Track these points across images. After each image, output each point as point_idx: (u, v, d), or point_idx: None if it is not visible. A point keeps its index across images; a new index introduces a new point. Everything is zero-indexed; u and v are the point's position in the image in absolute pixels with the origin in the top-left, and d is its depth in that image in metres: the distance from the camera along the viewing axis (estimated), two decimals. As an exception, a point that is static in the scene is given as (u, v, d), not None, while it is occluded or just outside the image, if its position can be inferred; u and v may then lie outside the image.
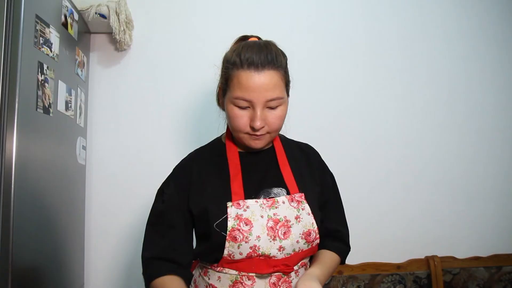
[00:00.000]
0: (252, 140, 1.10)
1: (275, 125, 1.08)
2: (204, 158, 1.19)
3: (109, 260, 2.00)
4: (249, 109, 1.06)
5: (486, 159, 2.27)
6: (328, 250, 1.21)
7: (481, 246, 2.22)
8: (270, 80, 1.03)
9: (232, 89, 1.05)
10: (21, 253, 1.32)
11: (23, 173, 1.33)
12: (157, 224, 1.15)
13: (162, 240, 1.12)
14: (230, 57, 1.07)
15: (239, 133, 1.09)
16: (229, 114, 1.08)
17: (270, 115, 1.06)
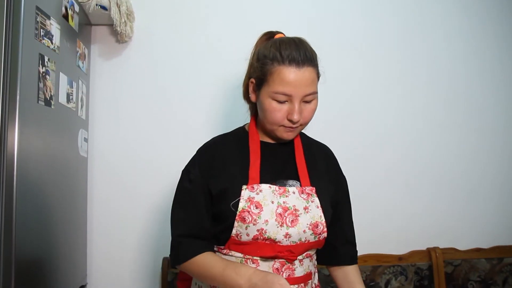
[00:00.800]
0: (286, 132, 1.16)
1: (308, 118, 1.15)
2: (227, 143, 1.24)
3: (112, 252, 2.01)
4: (286, 103, 1.11)
5: (487, 152, 2.27)
6: (353, 266, 1.28)
7: (482, 238, 2.22)
8: (309, 76, 1.09)
9: (272, 83, 1.10)
10: (23, 246, 1.33)
11: (25, 165, 1.33)
12: (185, 203, 1.19)
13: (191, 217, 1.17)
14: (268, 52, 1.12)
15: (275, 125, 1.15)
16: (267, 108, 1.13)
17: (305, 109, 1.13)
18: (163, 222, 1.20)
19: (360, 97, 2.19)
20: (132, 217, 2.02)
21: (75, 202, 1.79)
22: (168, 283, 1.96)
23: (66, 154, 1.69)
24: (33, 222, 1.40)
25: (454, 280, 2.12)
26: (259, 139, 1.22)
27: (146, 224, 2.03)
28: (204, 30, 2.10)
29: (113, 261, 2.01)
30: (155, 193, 2.02)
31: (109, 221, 2.02)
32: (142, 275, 2.03)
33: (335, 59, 2.13)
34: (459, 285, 2.12)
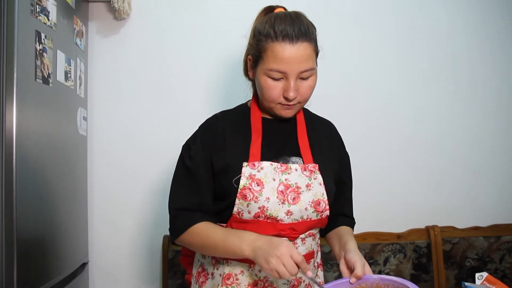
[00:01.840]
0: (283, 109, 1.14)
1: (306, 95, 1.12)
2: (229, 119, 1.22)
3: (113, 230, 2.03)
4: (282, 80, 1.09)
5: (487, 130, 2.26)
6: (347, 227, 1.26)
7: (481, 216, 2.24)
8: (304, 52, 1.06)
9: (266, 61, 1.08)
10: (25, 224, 1.33)
11: (24, 144, 1.33)
12: (184, 178, 1.18)
13: (190, 193, 1.16)
14: (263, 29, 1.09)
15: (272, 103, 1.13)
16: (262, 85, 1.11)
17: (302, 86, 1.10)
18: (163, 199, 1.20)
19: (361, 75, 2.17)
20: (132, 195, 2.03)
21: (75, 180, 1.80)
22: (168, 260, 1.98)
23: (65, 133, 1.68)
24: (33, 200, 1.41)
25: (452, 258, 2.14)
26: (261, 116, 1.21)
27: (147, 202, 2.04)
28: (203, 5, 2.06)
29: (114, 239, 2.03)
30: (155, 171, 2.02)
31: (109, 200, 2.02)
32: (143, 253, 2.05)
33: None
34: (456, 263, 2.15)
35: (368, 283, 1.02)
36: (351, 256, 1.05)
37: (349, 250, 1.09)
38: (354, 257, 1.04)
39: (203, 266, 1.22)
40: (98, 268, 2.02)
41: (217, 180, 1.16)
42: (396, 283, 0.97)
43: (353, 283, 1.02)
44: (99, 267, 2.02)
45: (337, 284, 1.04)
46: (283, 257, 0.96)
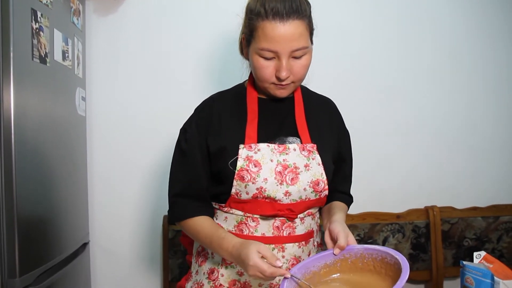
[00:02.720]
0: (277, 89, 1.12)
1: (300, 74, 1.10)
2: (225, 100, 1.21)
3: (113, 210, 2.04)
4: (274, 59, 1.07)
5: (486, 111, 2.26)
6: (339, 201, 1.25)
7: (480, 196, 2.25)
8: (296, 30, 1.03)
9: (257, 40, 1.06)
10: (25, 204, 1.34)
11: (22, 124, 1.32)
12: (180, 162, 1.18)
13: (186, 177, 1.17)
14: (254, 7, 1.06)
15: (265, 83, 1.11)
16: (254, 65, 1.09)
17: (295, 65, 1.07)
18: (163, 180, 1.20)
19: (361, 53, 2.15)
20: (132, 176, 2.03)
21: (74, 161, 1.79)
22: (169, 240, 1.99)
23: (64, 113, 1.67)
24: (33, 181, 1.41)
25: (450, 238, 2.16)
26: (257, 96, 1.19)
27: (146, 182, 2.04)
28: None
29: (114, 219, 2.04)
30: (155, 151, 2.02)
31: (109, 180, 2.03)
32: (143, 233, 2.06)
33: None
34: (455, 243, 2.17)
35: (352, 254, 1.02)
36: (334, 227, 1.04)
37: (333, 221, 1.09)
38: (337, 227, 1.03)
39: (203, 246, 1.23)
40: (99, 248, 2.04)
41: (214, 163, 1.15)
42: (379, 251, 0.97)
43: (337, 254, 1.02)
44: (100, 247, 2.04)
45: (321, 256, 1.04)
46: (256, 273, 0.94)
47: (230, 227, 1.15)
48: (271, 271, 0.92)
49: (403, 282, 0.82)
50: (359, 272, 1.02)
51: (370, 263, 1.00)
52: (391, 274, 0.92)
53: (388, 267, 0.95)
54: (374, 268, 0.99)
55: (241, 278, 1.14)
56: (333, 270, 1.05)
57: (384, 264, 0.97)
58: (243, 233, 1.13)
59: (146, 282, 2.08)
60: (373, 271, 0.99)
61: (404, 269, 0.86)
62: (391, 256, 0.94)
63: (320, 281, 1.04)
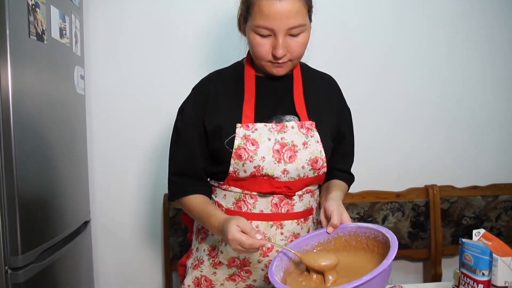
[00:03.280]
0: (274, 68, 1.10)
1: (297, 52, 1.08)
2: (223, 79, 1.20)
3: (114, 188, 2.04)
4: (270, 37, 1.05)
5: (488, 91, 2.24)
6: (338, 180, 1.25)
7: (480, 176, 2.25)
8: (292, 7, 1.01)
9: (254, 17, 1.04)
10: (25, 183, 1.34)
11: (21, 103, 1.31)
12: (177, 142, 1.20)
13: (181, 156, 1.19)
14: None
15: (261, 61, 1.10)
16: (251, 42, 1.08)
17: (292, 43, 1.06)
18: (163, 158, 1.20)
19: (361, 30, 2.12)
20: (132, 154, 2.03)
21: (74, 140, 1.79)
22: (169, 218, 2.00)
23: (62, 92, 1.66)
24: (33, 160, 1.41)
25: (449, 216, 2.17)
26: (255, 74, 1.18)
27: (147, 161, 2.04)
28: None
29: (115, 198, 2.05)
30: (155, 130, 2.02)
31: (109, 158, 2.03)
32: (144, 211, 2.07)
33: None
34: (454, 221, 2.18)
35: (346, 232, 1.02)
36: (329, 205, 1.04)
37: (328, 198, 1.09)
38: (331, 205, 1.03)
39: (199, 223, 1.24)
40: (100, 226, 2.05)
41: (210, 142, 1.15)
42: (372, 229, 0.97)
43: (330, 232, 1.02)
44: (101, 226, 2.06)
45: (315, 234, 1.05)
46: (236, 246, 0.96)
47: (229, 204, 1.16)
48: (250, 242, 0.93)
49: (389, 260, 0.81)
50: (353, 251, 1.02)
51: (364, 241, 1.00)
52: (382, 252, 0.92)
53: (380, 245, 0.96)
54: (367, 246, 0.99)
55: (240, 255, 1.15)
56: (327, 248, 1.05)
57: (376, 242, 0.97)
58: (242, 210, 1.13)
59: (147, 260, 2.10)
60: (366, 249, 0.99)
61: (392, 248, 0.85)
62: (383, 234, 0.94)
63: None
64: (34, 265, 1.38)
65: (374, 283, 0.81)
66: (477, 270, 0.95)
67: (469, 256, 0.97)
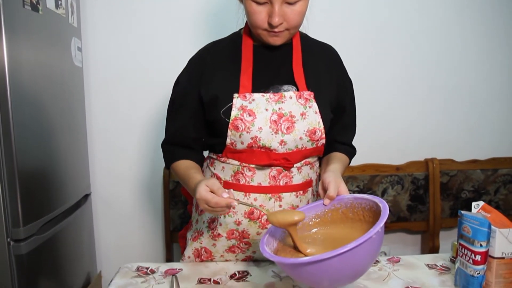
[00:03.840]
0: (270, 37, 1.08)
1: (294, 21, 1.05)
2: (220, 49, 1.19)
3: (113, 161, 2.05)
4: (267, 4, 1.03)
5: (489, 65, 2.21)
6: (339, 152, 1.24)
7: (480, 149, 2.25)
8: None
9: None
10: (25, 157, 1.34)
11: (17, 75, 1.30)
12: (171, 112, 1.21)
13: (173, 125, 1.20)
14: None
15: (257, 29, 1.08)
16: (247, 10, 1.06)
17: (288, 11, 1.03)
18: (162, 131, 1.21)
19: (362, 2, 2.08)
20: (132, 127, 2.03)
21: (72, 112, 1.78)
22: (169, 191, 2.01)
23: (59, 64, 1.64)
24: (32, 133, 1.40)
25: (449, 190, 2.18)
26: (252, 43, 1.15)
27: (147, 133, 2.04)
28: None
29: (115, 171, 2.06)
30: (154, 102, 2.00)
31: (109, 131, 2.02)
32: (144, 184, 2.08)
33: None
34: (452, 194, 2.19)
35: (343, 204, 1.02)
36: (326, 177, 1.03)
37: (327, 171, 1.08)
38: (329, 177, 1.02)
39: None
40: (100, 199, 2.07)
41: (208, 113, 1.15)
42: (367, 200, 0.97)
43: (327, 204, 1.02)
44: (101, 198, 2.07)
45: (312, 206, 1.04)
46: (204, 206, 0.97)
47: (227, 177, 1.15)
48: (215, 200, 0.94)
49: (376, 228, 0.81)
50: (350, 223, 1.02)
51: (360, 212, 1.00)
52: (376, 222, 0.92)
53: (376, 216, 0.94)
54: (363, 217, 0.99)
55: (239, 227, 1.16)
56: (324, 220, 1.05)
57: (372, 213, 0.97)
58: (240, 182, 1.13)
59: (148, 232, 2.12)
60: (362, 220, 0.99)
61: (382, 216, 0.85)
62: (376, 204, 0.93)
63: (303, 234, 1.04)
64: (36, 237, 1.40)
65: (362, 250, 0.81)
66: (475, 242, 0.95)
67: (467, 228, 0.98)
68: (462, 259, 1.00)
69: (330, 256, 0.78)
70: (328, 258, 0.78)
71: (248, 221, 1.14)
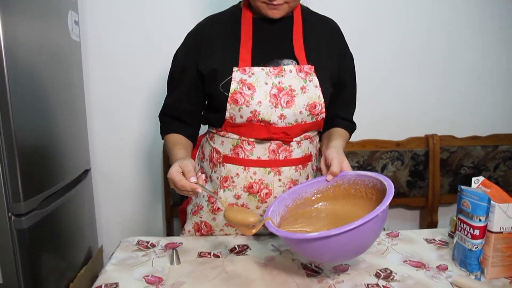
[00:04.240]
0: (269, 9, 1.07)
1: None
2: (218, 22, 1.17)
3: (113, 136, 2.04)
4: None
5: (491, 40, 2.18)
6: (340, 128, 1.24)
7: (481, 126, 2.24)
8: None
9: None
10: (24, 133, 1.34)
11: (13, 50, 1.28)
12: (170, 85, 1.23)
13: (171, 98, 1.22)
14: None
15: (256, 1, 1.06)
16: None
17: None
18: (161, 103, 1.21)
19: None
20: (130, 100, 2.01)
21: (71, 87, 1.76)
22: (169, 165, 2.01)
23: (56, 38, 1.61)
24: (30, 108, 1.39)
25: (448, 166, 2.19)
26: (252, 16, 1.14)
27: (145, 108, 2.02)
28: None
29: (114, 146, 2.05)
30: (153, 76, 1.98)
31: (107, 106, 2.01)
32: (144, 159, 2.08)
33: None
34: (452, 171, 2.19)
35: (345, 180, 1.03)
36: (329, 153, 1.05)
37: (329, 147, 1.09)
38: (332, 153, 1.04)
39: (202, 170, 1.25)
40: (100, 174, 2.07)
41: (207, 87, 1.14)
42: (370, 178, 0.98)
43: (330, 180, 1.03)
44: (101, 174, 2.07)
45: (314, 182, 1.05)
46: (172, 185, 0.99)
47: (226, 151, 1.15)
48: (182, 183, 0.95)
49: (383, 206, 0.82)
50: (352, 199, 1.03)
51: (362, 189, 1.00)
52: (380, 200, 0.93)
53: (378, 194, 0.96)
54: (366, 194, 1.00)
55: (238, 202, 1.16)
56: (326, 196, 1.06)
57: (374, 191, 0.98)
58: (239, 156, 1.13)
59: (148, 207, 2.14)
60: (364, 197, 1.00)
61: (388, 194, 0.86)
62: (381, 182, 0.94)
63: (305, 209, 1.05)
64: (37, 212, 1.40)
65: (368, 228, 0.82)
66: (474, 216, 0.96)
67: (467, 203, 0.98)
68: (460, 233, 1.01)
69: (338, 233, 0.79)
70: (336, 235, 0.80)
71: (248, 195, 1.15)
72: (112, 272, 1.01)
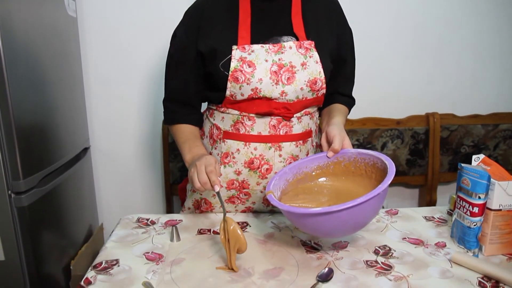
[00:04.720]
0: None
1: None
2: (217, 0, 1.15)
3: (112, 114, 2.03)
4: None
5: (492, 19, 2.14)
6: (340, 104, 1.24)
7: (481, 104, 2.23)
8: None
9: None
10: (21, 110, 1.33)
11: (8, 27, 1.26)
12: (170, 67, 1.20)
13: (174, 81, 1.19)
14: None
15: None
16: None
17: None
18: (161, 83, 1.19)
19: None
20: (128, 79, 1.99)
21: (68, 65, 1.74)
22: (169, 144, 2.01)
23: (52, 14, 1.58)
24: (27, 85, 1.38)
25: (448, 144, 2.18)
26: None
27: (144, 85, 2.00)
28: None
29: (113, 124, 2.04)
30: (153, 53, 1.96)
31: (106, 83, 1.99)
32: (143, 137, 2.07)
33: None
34: (452, 149, 2.19)
35: (346, 157, 1.05)
36: (331, 130, 1.06)
37: (331, 124, 1.10)
38: (334, 130, 1.05)
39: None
40: (100, 152, 2.07)
41: (207, 66, 1.13)
42: (371, 156, 1.00)
43: (331, 157, 1.05)
44: (101, 152, 2.07)
45: (315, 158, 1.07)
46: (198, 167, 0.98)
47: (226, 126, 1.15)
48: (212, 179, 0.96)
49: (384, 185, 0.84)
50: (351, 176, 1.05)
51: (362, 167, 1.02)
52: (380, 179, 0.95)
53: (378, 172, 0.98)
54: (365, 172, 1.02)
55: (238, 177, 1.16)
56: (326, 172, 1.08)
57: (374, 169, 0.99)
58: (240, 132, 1.13)
59: (148, 186, 2.14)
60: (364, 175, 1.02)
61: (389, 174, 0.88)
62: (381, 161, 0.96)
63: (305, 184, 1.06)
64: (37, 189, 1.40)
65: (368, 206, 0.84)
66: (474, 194, 0.96)
67: (467, 181, 0.98)
68: (459, 211, 1.01)
69: (340, 209, 0.81)
70: (338, 211, 0.82)
71: (248, 170, 1.15)
72: (112, 249, 1.02)
